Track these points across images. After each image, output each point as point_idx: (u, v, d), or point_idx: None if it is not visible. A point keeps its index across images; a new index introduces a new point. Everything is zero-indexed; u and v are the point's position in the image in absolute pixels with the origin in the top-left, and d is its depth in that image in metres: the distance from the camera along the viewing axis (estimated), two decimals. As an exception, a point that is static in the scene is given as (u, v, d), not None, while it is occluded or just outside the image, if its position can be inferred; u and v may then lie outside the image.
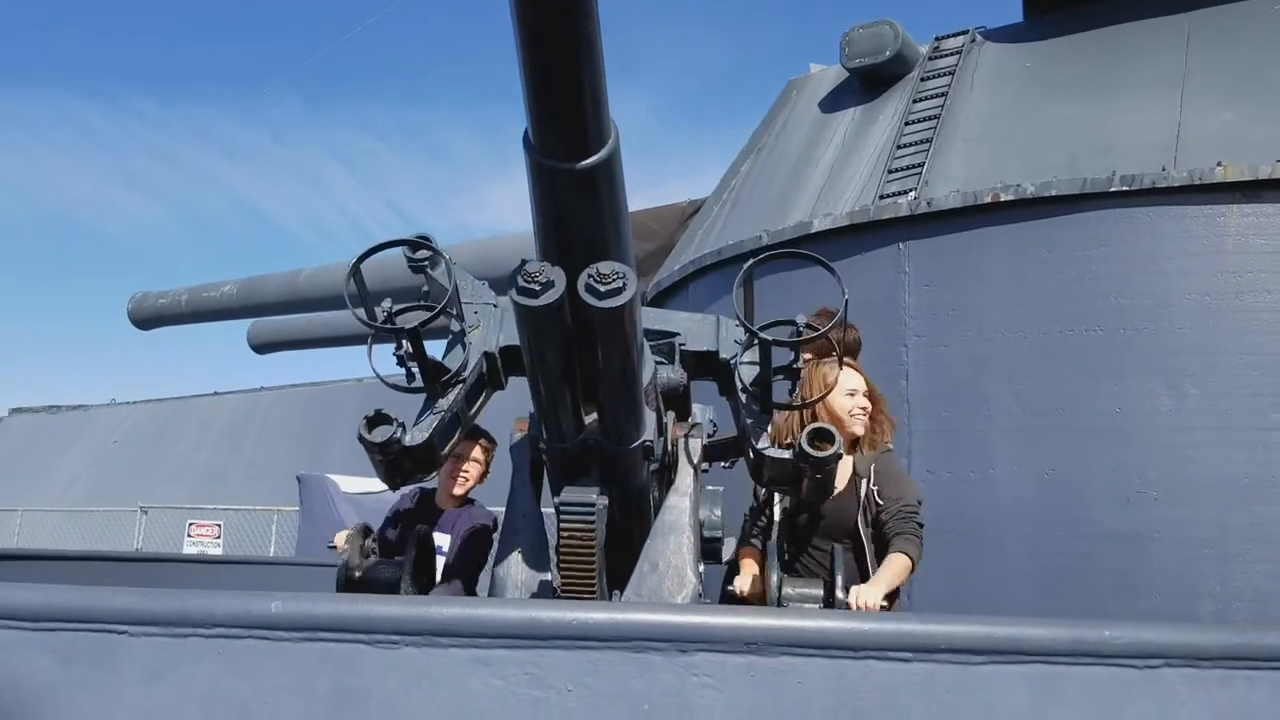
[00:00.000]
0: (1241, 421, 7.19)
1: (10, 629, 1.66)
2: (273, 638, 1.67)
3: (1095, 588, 7.32)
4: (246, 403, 26.52)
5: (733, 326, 3.71)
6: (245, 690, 1.65)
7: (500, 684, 1.68)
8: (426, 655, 1.68)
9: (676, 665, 1.70)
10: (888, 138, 9.16)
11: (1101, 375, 7.55)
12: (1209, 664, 1.76)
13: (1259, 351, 7.22)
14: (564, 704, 1.68)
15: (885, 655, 1.71)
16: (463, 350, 3.50)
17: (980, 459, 7.89)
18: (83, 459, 28.11)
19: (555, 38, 2.26)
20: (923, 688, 1.72)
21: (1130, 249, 7.61)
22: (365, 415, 3.35)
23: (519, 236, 14.54)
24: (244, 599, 1.68)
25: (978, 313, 8.04)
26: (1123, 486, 7.39)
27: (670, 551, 3.77)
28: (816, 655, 1.71)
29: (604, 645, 1.70)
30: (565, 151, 2.60)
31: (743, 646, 1.70)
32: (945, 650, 1.72)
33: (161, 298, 22.43)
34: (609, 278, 2.90)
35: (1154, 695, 1.76)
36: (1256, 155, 7.41)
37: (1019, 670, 1.73)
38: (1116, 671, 1.75)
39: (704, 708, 1.69)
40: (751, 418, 3.57)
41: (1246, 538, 7.07)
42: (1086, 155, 7.94)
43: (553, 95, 2.46)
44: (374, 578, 3.77)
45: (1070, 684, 1.75)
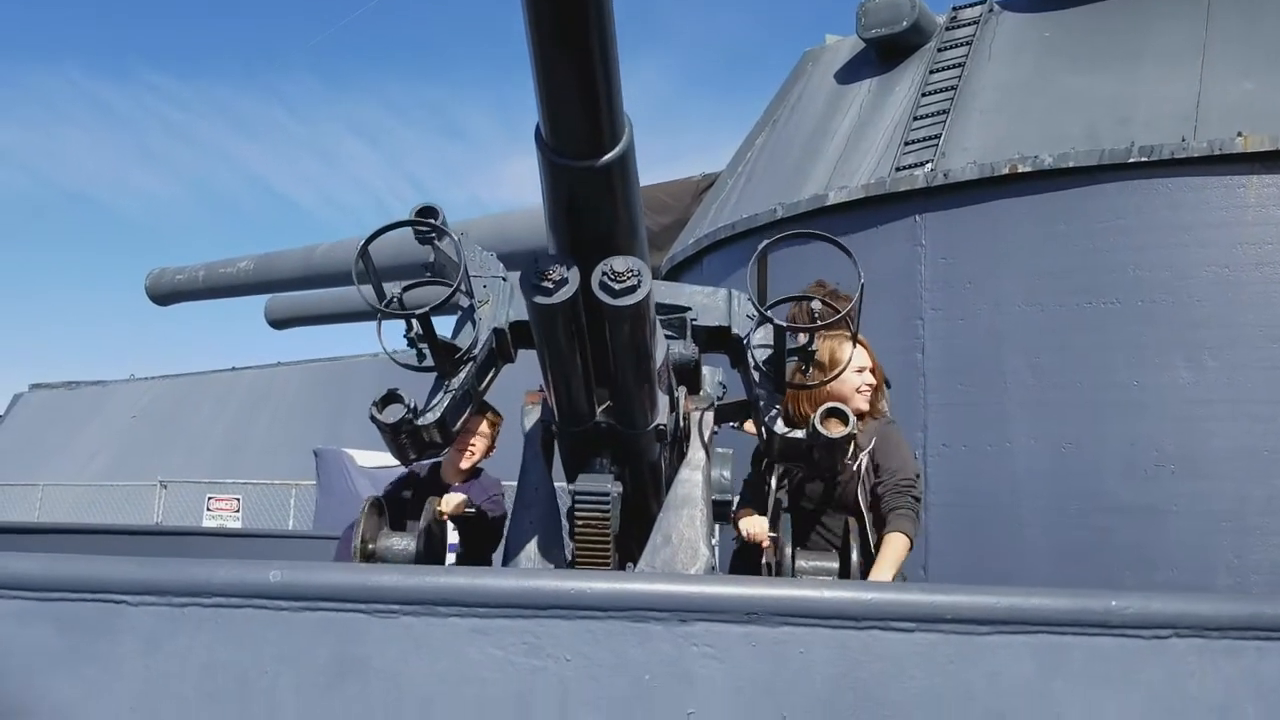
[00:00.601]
0: (1261, 394, 7.12)
1: (11, 598, 1.67)
2: (271, 607, 1.66)
3: (1112, 561, 7.29)
4: (264, 378, 26.69)
5: (745, 301, 3.70)
6: (245, 659, 1.65)
7: (499, 653, 1.67)
8: (426, 624, 1.68)
9: (676, 635, 1.69)
10: (904, 109, 9.07)
11: (1119, 348, 7.49)
12: (1217, 634, 1.74)
13: (1278, 323, 7.15)
14: (563, 673, 1.68)
15: (888, 625, 1.69)
16: (473, 327, 3.50)
17: (997, 432, 7.85)
18: (102, 434, 28.36)
19: (571, 36, 2.22)
20: (926, 658, 1.71)
21: (1149, 220, 7.53)
22: (376, 396, 3.36)
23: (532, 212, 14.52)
24: (242, 568, 1.68)
25: (995, 286, 7.98)
26: (1140, 459, 7.34)
27: (683, 525, 3.80)
28: (819, 625, 1.69)
29: (604, 615, 1.69)
30: (580, 149, 2.57)
31: (743, 616, 1.69)
32: (949, 620, 1.71)
33: (179, 274, 22.53)
34: (623, 276, 2.89)
35: (1162, 665, 1.74)
36: (1277, 125, 7.31)
37: (1024, 640, 1.71)
38: (1124, 642, 1.73)
39: (704, 678, 1.68)
40: (764, 396, 3.57)
41: (1265, 510, 7.02)
42: (1105, 126, 7.84)
43: (568, 95, 2.41)
44: (388, 549, 3.78)
45: (1076, 654, 1.73)
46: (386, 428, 3.36)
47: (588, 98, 2.39)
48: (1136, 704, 1.72)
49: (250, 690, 1.64)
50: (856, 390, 4.18)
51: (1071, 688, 1.72)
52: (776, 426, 3.52)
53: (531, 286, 2.91)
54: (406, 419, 3.33)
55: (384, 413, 3.36)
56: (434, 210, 3.59)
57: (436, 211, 3.60)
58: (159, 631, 1.66)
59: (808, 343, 3.52)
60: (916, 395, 8.14)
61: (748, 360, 3.61)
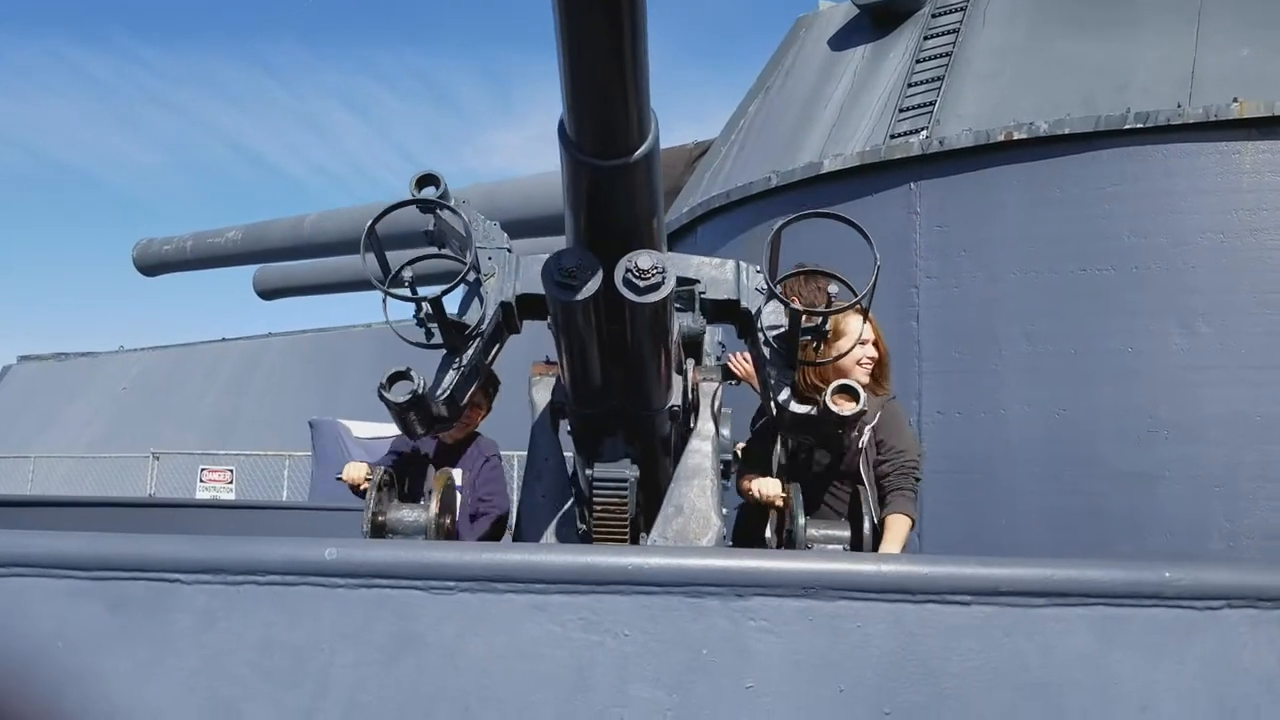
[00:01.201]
0: (1254, 359, 7.18)
1: (63, 578, 1.65)
2: (328, 584, 1.65)
3: (1105, 526, 7.36)
4: (255, 348, 26.58)
5: (754, 273, 3.67)
6: (300, 637, 1.64)
7: (557, 629, 1.67)
8: (482, 601, 1.66)
9: (733, 610, 1.68)
10: (899, 76, 9.04)
11: (1114, 314, 7.53)
12: (1269, 605, 1.75)
13: (1273, 289, 7.20)
14: (621, 648, 1.67)
15: (945, 599, 1.69)
16: (480, 303, 3.48)
17: (991, 399, 7.90)
18: (92, 406, 28.24)
19: (605, 38, 2.16)
20: (982, 631, 1.71)
21: (1144, 187, 7.55)
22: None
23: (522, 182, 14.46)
24: (298, 545, 1.66)
25: (990, 253, 8.00)
26: (1133, 425, 7.40)
27: (694, 495, 3.85)
28: (875, 599, 1.69)
29: (661, 590, 1.68)
30: (609, 148, 2.52)
31: (800, 591, 1.69)
32: (1006, 593, 1.71)
33: (166, 244, 22.35)
34: (648, 274, 2.87)
35: (1216, 636, 1.74)
36: (1273, 91, 7.33)
37: (1080, 612, 1.71)
38: (1178, 613, 1.73)
39: (761, 652, 1.68)
40: (774, 372, 3.57)
41: (1257, 475, 7.09)
42: (1101, 92, 7.84)
43: (599, 96, 2.36)
44: (399, 520, 3.77)
45: (1131, 626, 1.73)
46: (396, 406, 3.36)
47: (619, 98, 2.35)
48: (1189, 675, 1.73)
49: (307, 667, 1.63)
50: (857, 363, 4.19)
51: (1126, 659, 1.72)
52: (787, 402, 3.53)
53: (555, 284, 2.89)
54: (417, 398, 3.34)
55: (393, 390, 3.36)
56: (435, 179, 3.55)
57: (438, 180, 3.56)
58: (214, 610, 1.64)
59: (821, 323, 3.52)
60: (911, 363, 8.17)
61: (758, 335, 3.60)
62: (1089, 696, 1.69)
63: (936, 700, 1.67)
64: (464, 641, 1.66)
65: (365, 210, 15.65)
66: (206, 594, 1.64)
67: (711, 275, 3.61)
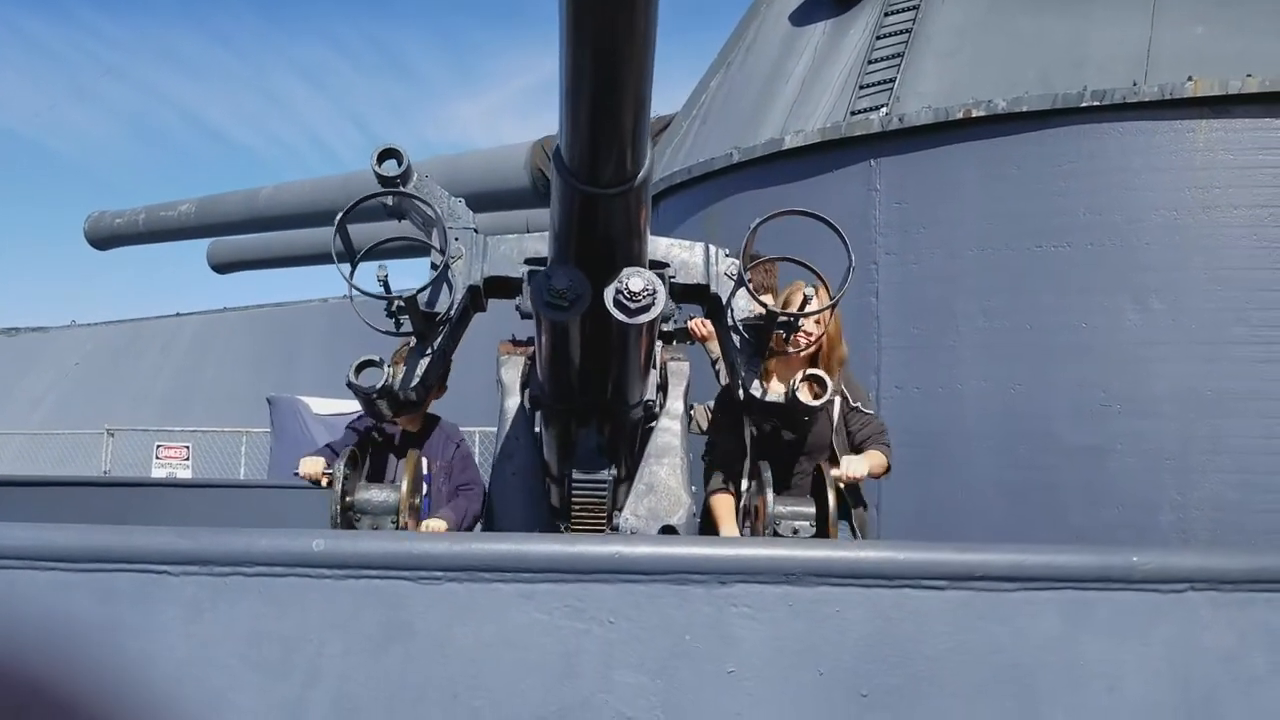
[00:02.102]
0: (1205, 335, 7.31)
1: (51, 569, 1.65)
2: (315, 575, 1.66)
3: (1059, 500, 7.48)
4: (210, 323, 26.30)
5: (723, 257, 3.72)
6: (289, 628, 1.65)
7: (544, 617, 1.70)
8: (470, 590, 1.69)
9: (716, 596, 1.72)
10: (859, 52, 9.06)
11: (1069, 291, 7.62)
12: (1231, 587, 1.81)
13: (1224, 266, 7.31)
14: (606, 635, 1.70)
15: (920, 584, 1.74)
16: (449, 290, 3.49)
17: (948, 374, 7.99)
18: (44, 381, 27.87)
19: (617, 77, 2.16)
20: (956, 615, 1.76)
21: (1100, 165, 7.64)
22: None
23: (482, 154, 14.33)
24: (285, 537, 1.67)
25: (948, 229, 8.06)
26: (1087, 400, 7.51)
27: (664, 473, 3.95)
28: (853, 585, 1.74)
29: (646, 578, 1.71)
30: (609, 179, 2.54)
31: (781, 577, 1.73)
32: (979, 578, 1.76)
33: (118, 217, 22.00)
34: (639, 296, 2.90)
35: (1179, 618, 1.80)
36: (1227, 69, 7.42)
37: (1050, 596, 1.76)
38: (1144, 596, 1.79)
39: (743, 637, 1.72)
40: (743, 360, 3.63)
41: (1207, 449, 7.23)
42: (1059, 69, 7.91)
43: (606, 131, 2.37)
44: (367, 501, 3.76)
45: (1100, 609, 1.79)
46: (366, 395, 3.39)
47: (622, 133, 2.36)
48: (1154, 656, 1.79)
49: (296, 658, 1.64)
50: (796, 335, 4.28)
51: (1094, 642, 1.78)
52: (755, 390, 3.63)
53: (545, 304, 2.91)
54: (387, 386, 3.37)
55: (360, 378, 3.39)
56: (397, 153, 3.56)
57: (400, 154, 3.57)
58: (201, 601, 1.65)
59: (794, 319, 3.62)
60: (871, 338, 8.24)
61: (727, 322, 3.66)
62: (1058, 677, 1.75)
63: (912, 682, 1.72)
64: (452, 630, 1.68)
65: (321, 183, 15.48)
66: (194, 585, 1.65)
67: (681, 259, 3.64)
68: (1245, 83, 7.31)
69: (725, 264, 3.69)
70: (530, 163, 12.09)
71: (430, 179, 3.80)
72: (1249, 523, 7.09)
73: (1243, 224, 7.34)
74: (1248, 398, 7.21)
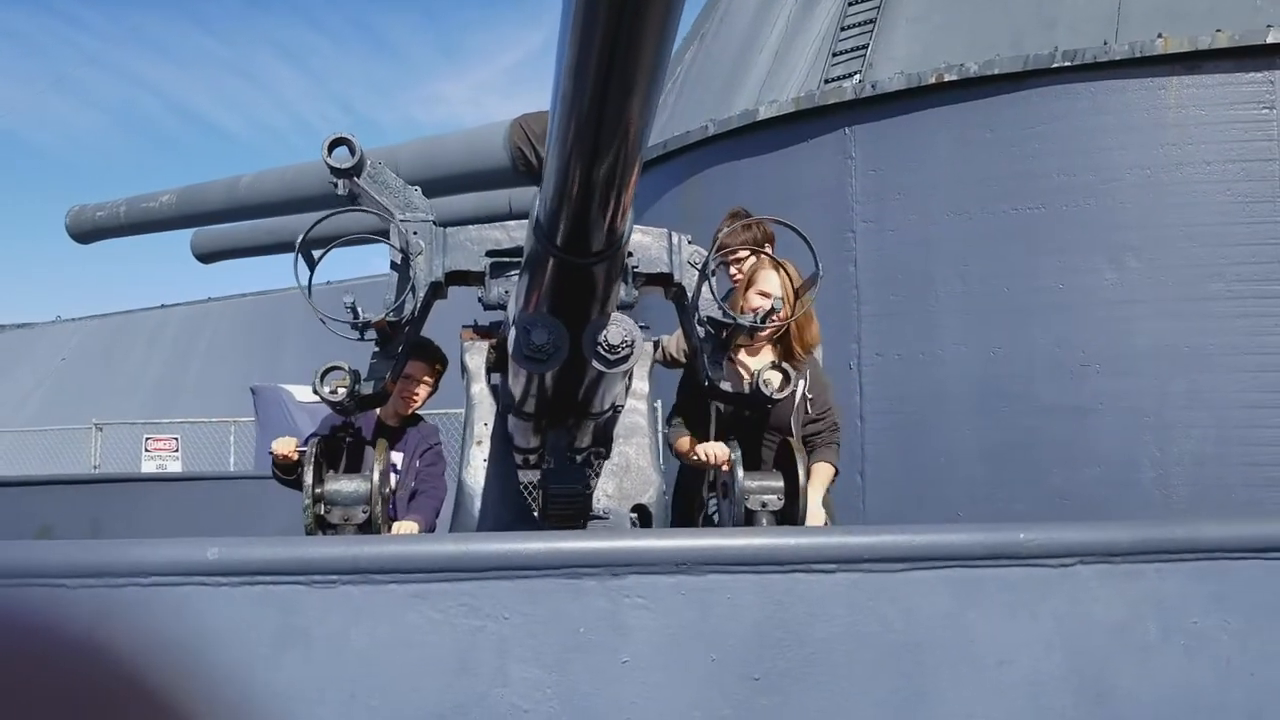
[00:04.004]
0: (1181, 292, 7.33)
1: None
2: (211, 584, 1.69)
3: (1041, 460, 7.54)
4: (195, 314, 26.34)
5: (686, 244, 3.73)
6: (186, 637, 1.69)
7: (439, 616, 1.73)
8: (365, 592, 1.72)
9: (609, 588, 1.75)
10: (832, 19, 9.04)
11: (1045, 252, 7.65)
12: (1120, 559, 1.84)
13: (1198, 223, 7.33)
14: (501, 631, 1.74)
15: (810, 568, 1.77)
16: (412, 294, 3.51)
17: (928, 340, 8.02)
18: (31, 378, 27.95)
19: (619, 171, 2.15)
20: (846, 597, 1.79)
21: (1073, 125, 7.64)
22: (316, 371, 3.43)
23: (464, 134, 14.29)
24: (180, 546, 1.71)
25: (923, 195, 8.07)
26: (1066, 360, 7.55)
27: (633, 453, 4.01)
28: (744, 571, 1.77)
29: (539, 574, 1.75)
30: (593, 251, 2.54)
31: (673, 567, 1.76)
32: (868, 560, 1.79)
33: (100, 210, 21.96)
34: (619, 349, 2.91)
35: (1068, 592, 1.84)
36: (1196, 26, 7.40)
37: (939, 574, 1.80)
38: (1032, 571, 1.82)
39: (636, 627, 1.76)
40: (706, 350, 3.67)
41: (1185, 405, 7.27)
42: (1030, 30, 7.89)
43: (593, 211, 2.36)
44: (337, 492, 3.80)
45: (989, 585, 1.82)
46: (333, 403, 3.47)
47: (612, 211, 2.36)
48: (1045, 630, 1.82)
49: (193, 667, 1.68)
50: (753, 310, 4.32)
51: (985, 618, 1.81)
52: (720, 382, 3.70)
53: (524, 358, 2.92)
54: (352, 390, 3.43)
55: (325, 384, 3.45)
56: (347, 141, 3.57)
57: (352, 144, 3.57)
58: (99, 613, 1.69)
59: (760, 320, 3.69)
60: (850, 307, 8.27)
61: (690, 312, 3.69)
62: (949, 654, 1.79)
63: (803, 665, 1.76)
64: (348, 633, 1.72)
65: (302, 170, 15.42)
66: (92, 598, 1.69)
67: (643, 244, 3.64)
68: (1215, 38, 7.30)
69: (689, 252, 3.69)
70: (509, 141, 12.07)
71: (383, 166, 3.79)
72: (1229, 476, 7.14)
73: (1216, 180, 7.34)
74: (1225, 353, 7.24)
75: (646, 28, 1.64)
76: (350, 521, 3.86)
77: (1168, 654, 1.85)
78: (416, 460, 4.90)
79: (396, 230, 3.57)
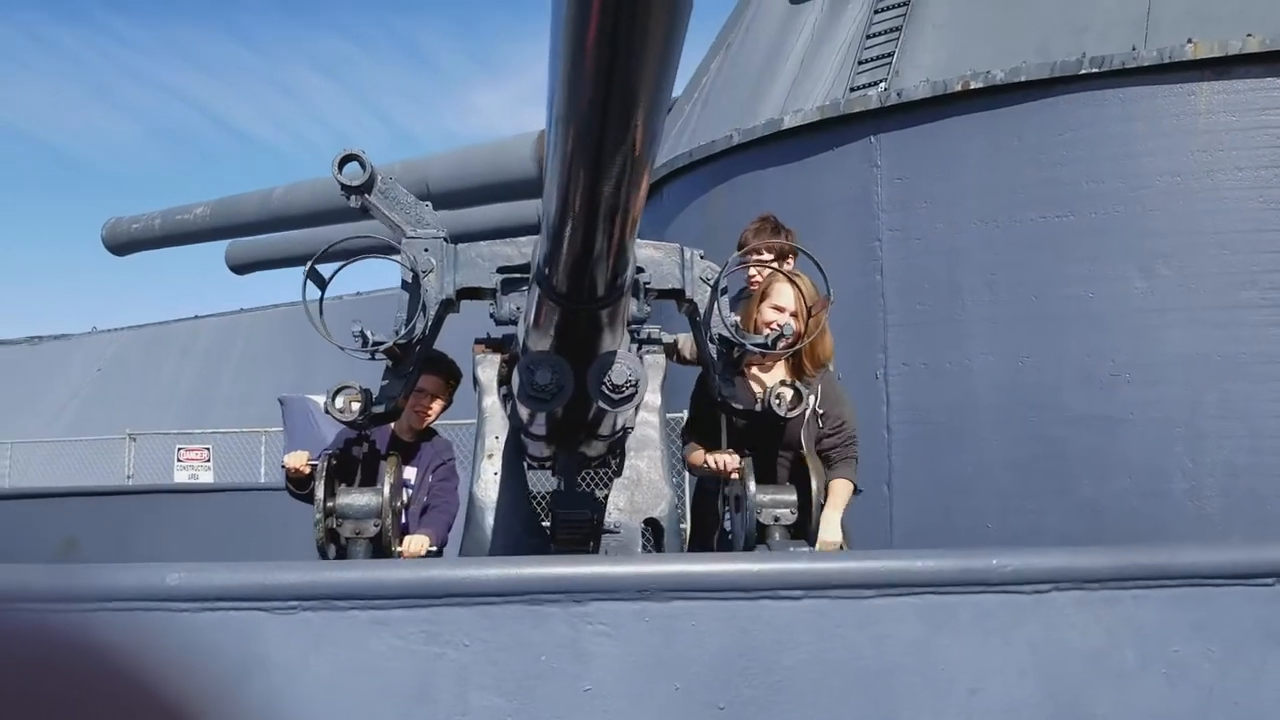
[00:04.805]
0: (1213, 300, 7.21)
1: None
2: (173, 609, 1.70)
3: (1070, 471, 7.43)
4: (227, 325, 26.56)
5: (698, 260, 3.73)
6: (148, 662, 1.69)
7: (399, 643, 1.72)
8: (325, 619, 1.72)
9: (571, 615, 1.74)
10: (858, 27, 8.98)
11: (1074, 260, 7.54)
12: (1097, 585, 1.80)
13: (1230, 230, 7.21)
14: (461, 659, 1.73)
15: (777, 594, 1.75)
16: (423, 313, 3.53)
17: (955, 349, 7.94)
18: (68, 389, 28.32)
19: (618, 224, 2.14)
20: (814, 624, 1.76)
21: (1101, 132, 7.54)
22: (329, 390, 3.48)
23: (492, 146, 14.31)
24: (142, 572, 1.71)
25: (950, 203, 8.00)
26: (1096, 369, 7.44)
27: (645, 466, 4.01)
28: (709, 598, 1.75)
29: (500, 600, 1.74)
30: (596, 299, 2.56)
31: (635, 594, 1.74)
32: (836, 586, 1.76)
33: (135, 222, 22.27)
34: (622, 389, 2.93)
35: (1043, 618, 1.80)
36: (1226, 30, 7.29)
37: (909, 601, 1.76)
38: (1006, 598, 1.79)
39: (598, 654, 1.74)
40: (718, 366, 3.68)
41: (1217, 414, 7.14)
42: (1058, 36, 7.80)
43: (595, 264, 2.36)
44: (349, 506, 3.83)
45: (961, 612, 1.79)
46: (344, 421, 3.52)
47: (615, 262, 2.36)
48: (1018, 657, 1.79)
49: (156, 692, 1.69)
50: (767, 325, 4.30)
51: (956, 645, 1.78)
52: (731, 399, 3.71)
53: (529, 398, 2.94)
54: (365, 409, 3.48)
55: (337, 403, 3.49)
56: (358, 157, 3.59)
57: (362, 160, 3.60)
58: (71, 639, 1.70)
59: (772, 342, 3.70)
60: (876, 316, 8.21)
61: (701, 329, 3.70)
62: (919, 681, 1.76)
63: (770, 694, 1.73)
64: (308, 660, 1.71)
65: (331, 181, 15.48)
66: (64, 623, 1.69)
67: (655, 259, 3.64)
68: (1246, 42, 7.18)
69: (701, 268, 3.70)
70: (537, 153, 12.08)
71: (394, 182, 3.81)
72: (1262, 487, 7.01)
73: (1248, 186, 7.22)
74: (1258, 361, 7.11)
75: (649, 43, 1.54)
76: (361, 535, 3.88)
77: (1147, 682, 1.80)
78: (430, 475, 4.91)
79: (407, 248, 3.59)
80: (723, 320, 3.60)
